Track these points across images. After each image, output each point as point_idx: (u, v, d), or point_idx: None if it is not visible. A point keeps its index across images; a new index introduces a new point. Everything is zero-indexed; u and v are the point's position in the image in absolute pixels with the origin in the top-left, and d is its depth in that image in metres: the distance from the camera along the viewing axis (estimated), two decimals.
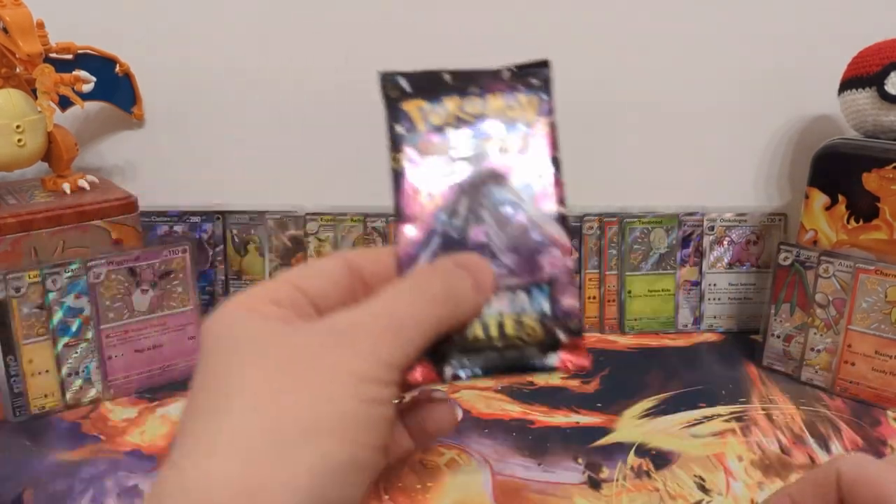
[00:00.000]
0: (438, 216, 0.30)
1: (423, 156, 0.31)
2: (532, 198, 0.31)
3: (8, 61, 0.62)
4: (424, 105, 0.32)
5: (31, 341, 0.58)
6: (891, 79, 0.61)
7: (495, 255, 0.30)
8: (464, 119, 0.31)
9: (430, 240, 0.30)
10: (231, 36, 0.73)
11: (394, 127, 0.32)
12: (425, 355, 0.27)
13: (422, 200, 0.30)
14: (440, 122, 0.31)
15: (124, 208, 0.64)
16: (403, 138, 0.31)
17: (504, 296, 0.29)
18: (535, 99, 0.33)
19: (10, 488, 0.50)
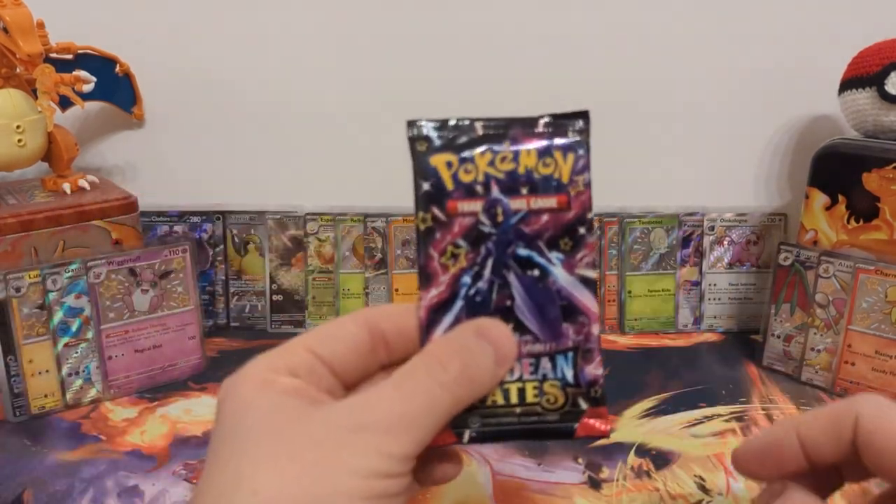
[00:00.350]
0: (462, 279, 0.29)
1: (449, 216, 0.30)
2: (561, 261, 0.29)
3: (8, 61, 0.62)
4: (454, 160, 0.30)
5: (31, 341, 0.59)
6: (891, 79, 0.61)
7: (520, 320, 0.29)
8: (494, 176, 0.29)
9: (452, 303, 0.29)
10: (231, 36, 0.73)
11: (420, 185, 0.30)
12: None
13: (446, 262, 0.29)
14: (469, 180, 0.30)
15: (124, 208, 0.64)
16: (430, 197, 0.30)
17: (527, 362, 0.29)
18: (570, 156, 0.30)
19: (11, 488, 0.50)
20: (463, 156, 0.30)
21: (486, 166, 0.29)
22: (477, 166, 0.29)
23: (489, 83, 0.74)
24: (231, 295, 0.75)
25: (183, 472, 0.52)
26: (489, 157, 0.29)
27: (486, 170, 0.29)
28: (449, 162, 0.30)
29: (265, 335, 0.74)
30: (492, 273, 0.29)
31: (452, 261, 0.29)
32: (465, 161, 0.30)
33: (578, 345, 0.29)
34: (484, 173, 0.29)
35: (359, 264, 0.74)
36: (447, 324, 0.29)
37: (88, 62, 0.69)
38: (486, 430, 0.28)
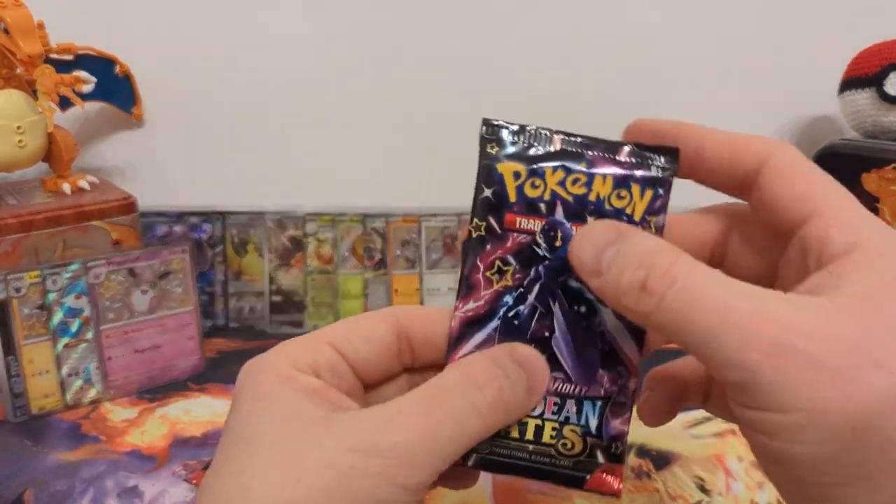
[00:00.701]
0: (504, 297, 0.27)
1: (505, 229, 0.27)
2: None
3: (8, 62, 0.62)
4: (522, 171, 0.28)
5: (31, 341, 0.59)
6: (890, 79, 0.61)
7: (555, 355, 0.27)
8: (562, 197, 0.27)
9: (488, 321, 0.27)
10: (231, 36, 0.73)
11: (482, 189, 0.28)
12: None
13: (491, 276, 0.27)
14: (534, 196, 0.27)
15: (124, 209, 0.64)
16: (489, 205, 0.28)
17: (552, 400, 0.27)
18: (649, 193, 0.28)
19: (11, 488, 0.50)
20: (533, 168, 0.27)
21: (556, 185, 0.27)
22: (546, 183, 0.27)
23: (489, 83, 0.74)
24: (230, 295, 0.75)
25: (183, 472, 0.52)
26: (561, 176, 0.27)
27: (554, 188, 0.27)
28: (517, 172, 0.27)
29: (264, 336, 0.74)
30: (536, 299, 0.27)
31: (498, 276, 0.27)
32: (534, 174, 0.27)
33: (611, 395, 0.27)
34: (551, 192, 0.27)
35: (358, 265, 0.74)
36: (478, 341, 0.27)
37: (88, 63, 0.69)
38: (493, 458, 0.27)
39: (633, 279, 0.23)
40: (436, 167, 0.77)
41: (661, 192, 0.28)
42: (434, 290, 0.74)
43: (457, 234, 0.74)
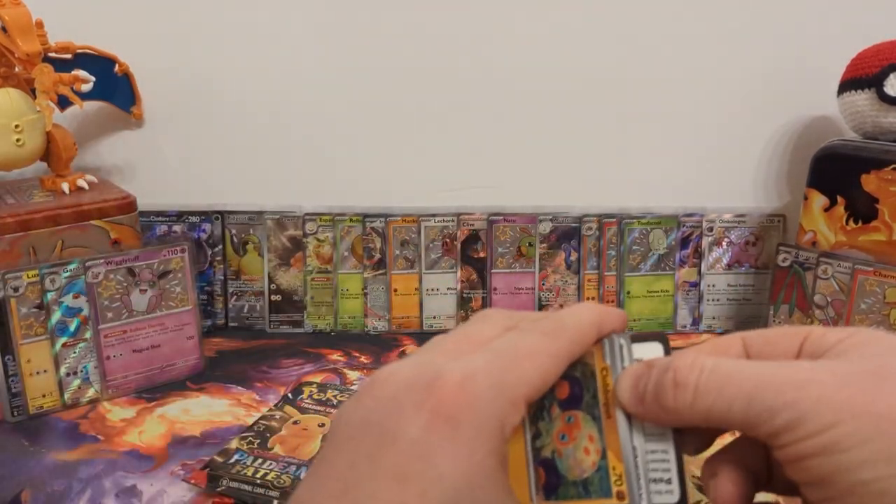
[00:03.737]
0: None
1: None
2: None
3: (7, 61, 0.62)
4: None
5: (29, 341, 0.58)
6: (890, 80, 0.61)
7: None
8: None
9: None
10: (230, 36, 0.73)
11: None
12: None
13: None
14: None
15: (123, 208, 0.64)
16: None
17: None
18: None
19: (9, 488, 0.50)
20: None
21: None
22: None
23: (489, 83, 0.74)
24: (230, 295, 0.75)
25: (181, 472, 0.52)
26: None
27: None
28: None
29: (264, 335, 0.74)
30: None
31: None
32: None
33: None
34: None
35: (357, 264, 0.74)
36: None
37: (87, 62, 0.69)
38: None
39: (666, 381, 0.26)
40: (436, 167, 0.77)
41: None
42: (433, 290, 0.74)
43: (456, 234, 0.73)
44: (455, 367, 0.25)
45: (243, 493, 0.48)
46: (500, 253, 0.74)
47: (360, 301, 0.74)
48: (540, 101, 0.74)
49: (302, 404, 0.58)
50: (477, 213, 0.74)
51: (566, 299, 0.75)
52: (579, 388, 0.28)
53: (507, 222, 0.74)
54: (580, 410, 0.27)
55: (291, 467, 0.49)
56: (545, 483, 0.27)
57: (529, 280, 0.74)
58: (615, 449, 0.27)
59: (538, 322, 0.27)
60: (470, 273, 0.74)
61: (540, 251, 0.74)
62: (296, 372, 0.66)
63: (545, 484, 0.27)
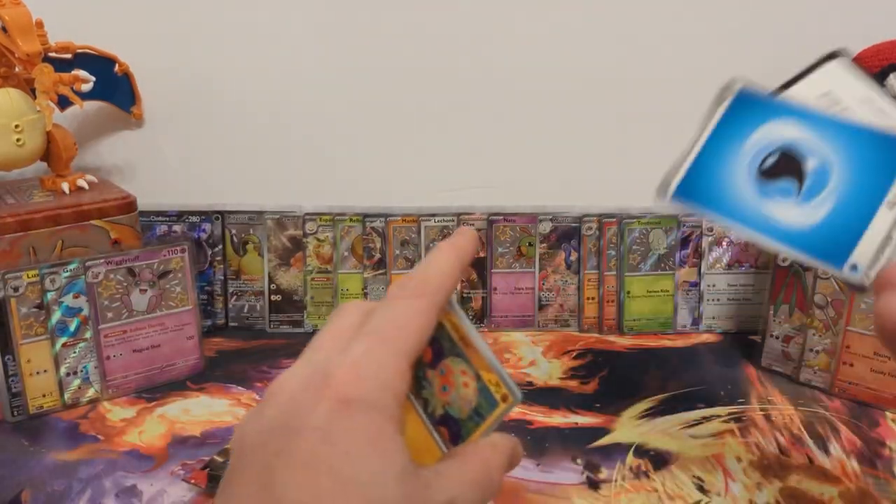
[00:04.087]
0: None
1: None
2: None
3: (7, 60, 0.62)
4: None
5: (29, 341, 0.58)
6: (890, 80, 0.61)
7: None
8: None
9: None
10: (230, 36, 0.73)
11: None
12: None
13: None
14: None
15: (123, 208, 0.64)
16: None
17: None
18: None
19: (8, 488, 0.50)
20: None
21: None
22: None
23: (489, 83, 0.74)
24: (230, 295, 0.75)
25: (181, 472, 0.52)
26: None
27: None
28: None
29: (264, 335, 0.74)
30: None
31: None
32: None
33: None
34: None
35: (357, 264, 0.74)
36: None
37: (87, 62, 0.69)
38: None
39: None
40: (436, 167, 0.77)
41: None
42: None
43: None
44: (340, 358, 0.27)
45: None
46: (500, 253, 0.74)
47: None
48: (540, 100, 0.74)
49: None
50: (477, 213, 0.74)
51: (566, 299, 0.75)
52: (438, 345, 0.30)
53: (507, 222, 0.74)
54: (446, 359, 0.30)
55: None
56: (449, 436, 0.30)
57: (529, 280, 0.74)
58: (483, 365, 0.29)
59: (404, 286, 0.29)
60: (470, 273, 0.74)
61: (540, 251, 0.74)
62: None
63: (450, 437, 0.30)
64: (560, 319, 0.75)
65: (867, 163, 0.28)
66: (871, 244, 0.27)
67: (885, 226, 0.27)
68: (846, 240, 0.27)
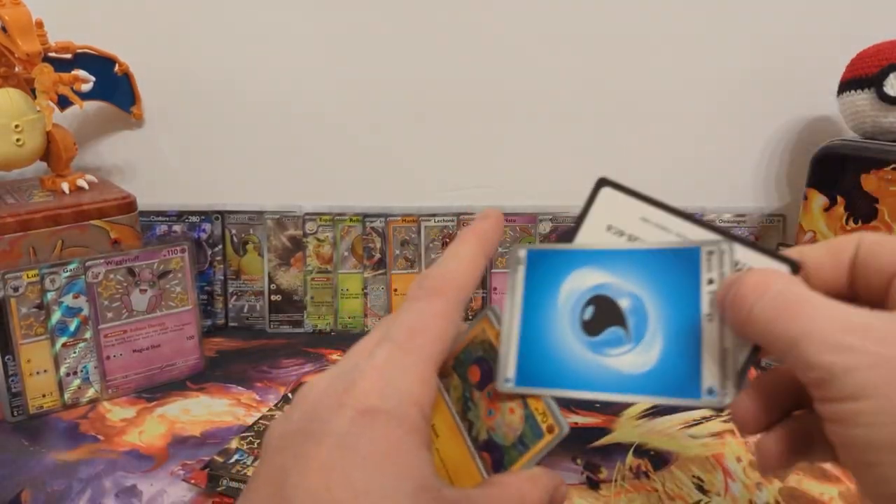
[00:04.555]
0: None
1: None
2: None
3: (7, 60, 0.62)
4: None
5: (29, 341, 0.58)
6: (890, 80, 0.61)
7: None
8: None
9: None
10: (230, 36, 0.73)
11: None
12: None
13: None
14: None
15: (123, 208, 0.64)
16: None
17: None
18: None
19: (8, 488, 0.50)
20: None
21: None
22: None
23: (489, 83, 0.74)
24: (230, 295, 0.75)
25: (181, 472, 0.52)
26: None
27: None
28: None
29: (264, 335, 0.74)
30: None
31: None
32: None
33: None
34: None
35: (357, 264, 0.74)
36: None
37: (87, 62, 0.69)
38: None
39: (731, 295, 0.26)
40: (436, 167, 0.77)
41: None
42: None
43: (455, 234, 0.73)
44: (364, 365, 0.26)
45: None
46: (500, 253, 0.74)
47: (360, 301, 0.74)
48: (540, 100, 0.74)
49: None
50: (477, 213, 0.74)
51: None
52: (487, 365, 0.29)
53: (507, 222, 0.74)
54: (494, 382, 0.29)
55: None
56: (492, 462, 0.29)
57: None
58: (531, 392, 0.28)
59: (423, 284, 0.28)
60: None
61: None
62: (296, 372, 0.67)
63: (492, 463, 0.29)
64: None
65: (672, 284, 0.28)
66: (712, 363, 0.26)
67: (714, 339, 0.26)
68: (689, 369, 0.26)
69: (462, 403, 0.29)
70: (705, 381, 0.27)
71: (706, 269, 0.27)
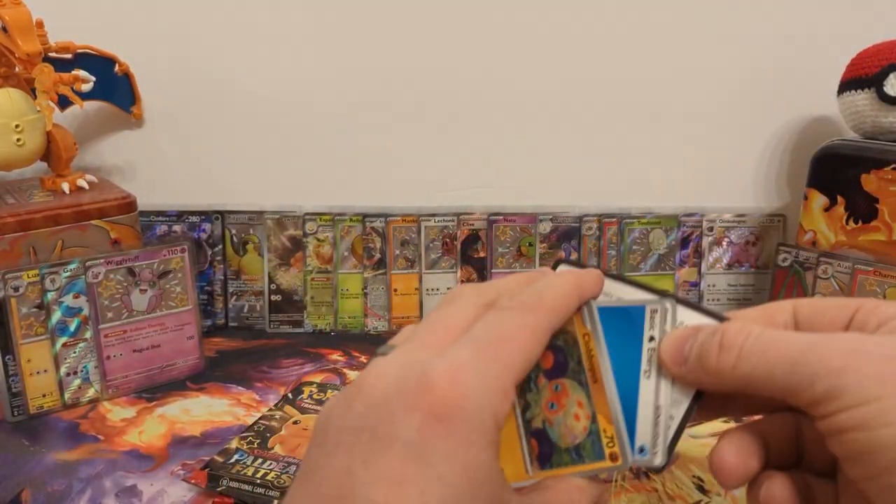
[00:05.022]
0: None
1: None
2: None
3: (7, 60, 0.62)
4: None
5: (29, 341, 0.58)
6: (890, 80, 0.61)
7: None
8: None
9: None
10: (230, 36, 0.73)
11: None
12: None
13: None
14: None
15: (123, 208, 0.64)
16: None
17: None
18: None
19: (9, 488, 0.50)
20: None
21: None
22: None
23: (490, 83, 0.74)
24: (230, 295, 0.75)
25: (181, 471, 0.52)
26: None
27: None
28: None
29: (264, 335, 0.74)
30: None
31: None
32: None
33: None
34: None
35: (357, 264, 0.74)
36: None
37: (87, 62, 0.69)
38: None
39: (712, 344, 0.26)
40: (436, 167, 0.77)
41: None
42: (433, 289, 0.74)
43: (456, 234, 0.73)
44: (441, 365, 0.24)
45: (243, 493, 0.48)
46: (500, 253, 0.74)
47: (361, 301, 0.74)
48: (540, 100, 0.74)
49: (302, 404, 0.58)
50: (477, 213, 0.74)
51: None
52: (563, 357, 0.28)
53: (507, 222, 0.74)
54: (566, 378, 0.28)
55: (292, 467, 0.49)
56: (539, 453, 0.28)
57: None
58: (605, 412, 0.27)
59: (515, 297, 0.27)
60: (470, 273, 0.74)
61: (540, 251, 0.74)
62: (296, 372, 0.67)
63: (539, 454, 0.28)
64: None
65: (618, 340, 0.28)
66: (645, 421, 0.27)
67: (650, 397, 0.27)
68: (626, 426, 0.27)
69: (525, 381, 0.27)
70: (639, 439, 0.27)
71: (649, 327, 0.28)
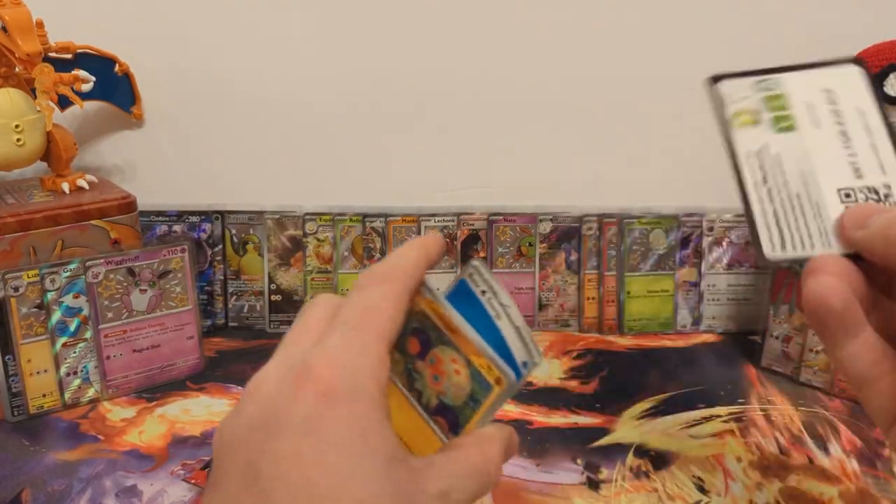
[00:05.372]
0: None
1: None
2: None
3: (7, 61, 0.62)
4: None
5: (29, 341, 0.58)
6: (890, 80, 0.61)
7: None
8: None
9: None
10: (230, 36, 0.73)
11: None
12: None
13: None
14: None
15: (123, 208, 0.64)
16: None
17: None
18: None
19: (9, 488, 0.50)
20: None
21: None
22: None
23: (490, 83, 0.74)
24: (230, 295, 0.75)
25: (181, 471, 0.52)
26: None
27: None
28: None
29: (264, 335, 0.74)
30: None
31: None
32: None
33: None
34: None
35: (357, 264, 0.74)
36: None
37: (88, 62, 0.69)
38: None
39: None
40: (436, 167, 0.77)
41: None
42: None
43: (456, 234, 0.73)
44: (316, 350, 0.26)
45: None
46: (500, 253, 0.74)
47: None
48: (540, 100, 0.74)
49: None
50: (477, 213, 0.74)
51: (566, 299, 0.75)
52: (424, 335, 0.30)
53: (507, 222, 0.74)
54: (434, 348, 0.30)
55: None
56: (448, 425, 0.30)
57: (529, 280, 0.74)
58: (472, 350, 0.29)
59: (371, 272, 0.29)
60: None
61: (540, 251, 0.74)
62: None
63: (448, 426, 0.30)
64: (560, 319, 0.75)
65: (460, 306, 0.30)
66: (516, 342, 0.29)
67: (509, 328, 0.29)
68: (498, 351, 0.30)
69: (407, 376, 0.30)
70: (518, 359, 0.30)
71: (475, 287, 0.30)
